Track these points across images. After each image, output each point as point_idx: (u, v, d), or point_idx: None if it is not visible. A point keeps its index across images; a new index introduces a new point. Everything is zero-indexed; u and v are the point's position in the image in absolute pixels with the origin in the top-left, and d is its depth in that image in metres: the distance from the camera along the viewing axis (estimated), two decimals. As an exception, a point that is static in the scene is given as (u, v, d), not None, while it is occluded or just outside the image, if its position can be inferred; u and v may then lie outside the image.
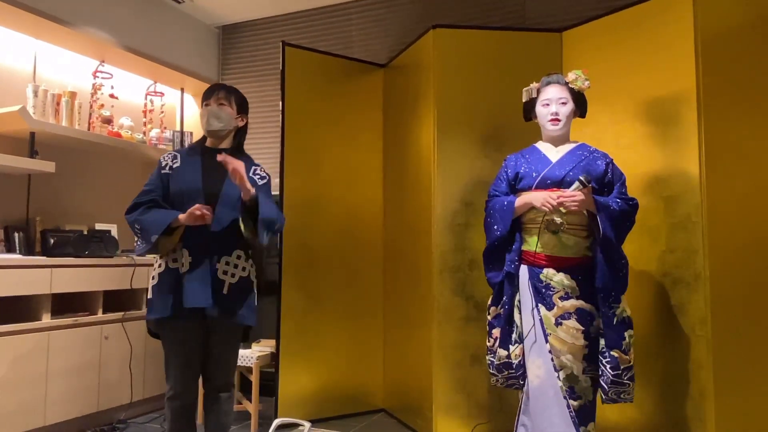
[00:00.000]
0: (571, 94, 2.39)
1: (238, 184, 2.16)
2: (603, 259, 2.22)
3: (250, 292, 2.31)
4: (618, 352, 2.20)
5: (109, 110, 3.69)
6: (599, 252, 2.23)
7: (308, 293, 3.41)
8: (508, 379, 2.41)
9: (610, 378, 2.20)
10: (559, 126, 2.38)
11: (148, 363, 3.45)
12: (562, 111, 2.37)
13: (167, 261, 2.23)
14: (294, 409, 3.26)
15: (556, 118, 2.37)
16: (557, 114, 2.37)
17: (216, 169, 2.25)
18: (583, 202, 2.21)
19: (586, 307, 2.27)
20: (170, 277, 2.20)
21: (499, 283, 2.41)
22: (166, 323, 2.22)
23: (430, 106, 3.08)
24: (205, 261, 2.19)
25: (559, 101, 2.37)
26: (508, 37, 3.12)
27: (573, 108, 2.40)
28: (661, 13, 2.60)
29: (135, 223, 2.23)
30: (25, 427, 2.82)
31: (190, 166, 2.30)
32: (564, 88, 2.39)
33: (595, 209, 2.23)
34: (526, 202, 2.33)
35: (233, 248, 2.26)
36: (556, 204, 2.21)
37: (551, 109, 2.37)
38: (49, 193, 3.48)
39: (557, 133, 2.40)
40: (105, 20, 3.57)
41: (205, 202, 2.21)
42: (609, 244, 2.22)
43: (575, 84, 2.38)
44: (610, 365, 2.20)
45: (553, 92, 2.39)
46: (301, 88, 3.43)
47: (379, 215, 3.64)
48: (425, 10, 3.89)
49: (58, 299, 3.05)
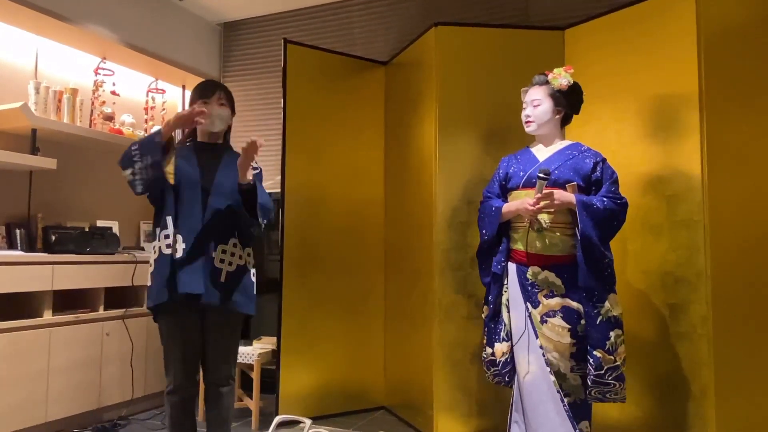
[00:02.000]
0: (551, 93, 2.39)
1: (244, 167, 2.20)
2: (583, 258, 2.22)
3: (249, 281, 2.32)
4: (601, 352, 2.19)
5: (111, 107, 3.69)
6: (580, 250, 2.23)
7: (309, 290, 3.41)
8: (494, 376, 2.46)
9: (593, 377, 2.21)
10: (533, 127, 2.41)
11: (149, 360, 3.46)
12: (534, 113, 2.40)
13: (161, 246, 2.22)
14: (295, 406, 3.27)
15: (527, 120, 2.42)
16: (529, 116, 2.41)
17: (211, 162, 2.30)
18: (556, 198, 2.21)
19: (572, 305, 2.27)
20: (164, 262, 2.19)
21: (488, 283, 2.46)
22: (164, 313, 2.22)
23: (432, 103, 3.08)
24: (201, 248, 2.19)
25: (532, 103, 2.40)
26: (510, 35, 3.11)
27: (550, 107, 2.39)
28: (663, 12, 2.60)
29: (132, 146, 2.17)
30: (27, 423, 2.83)
31: (187, 161, 2.30)
32: (541, 89, 2.41)
33: (575, 206, 2.23)
34: (512, 210, 2.35)
35: (229, 236, 2.27)
36: (533, 210, 2.23)
37: (525, 112, 2.43)
38: (51, 189, 3.48)
39: (535, 134, 2.45)
40: (107, 17, 3.57)
41: (203, 194, 2.23)
42: (589, 242, 2.21)
43: (553, 82, 2.39)
44: (593, 365, 2.20)
45: (529, 95, 2.43)
46: (303, 86, 3.43)
47: (380, 213, 3.64)
48: (427, 8, 3.88)
49: (59, 296, 3.05)
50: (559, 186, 2.28)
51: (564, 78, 2.37)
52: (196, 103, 2.34)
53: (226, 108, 2.38)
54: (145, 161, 2.15)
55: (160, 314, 2.25)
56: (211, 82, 2.44)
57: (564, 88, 2.38)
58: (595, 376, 2.20)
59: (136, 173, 2.17)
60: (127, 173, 2.18)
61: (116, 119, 3.73)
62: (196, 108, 2.21)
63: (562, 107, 2.41)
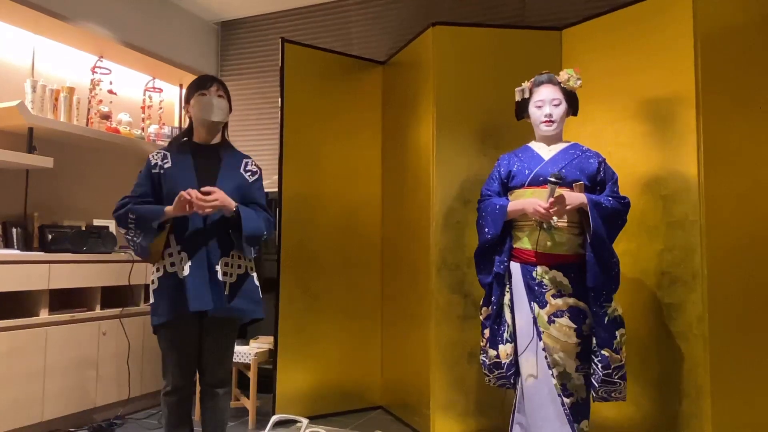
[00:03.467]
0: (564, 94, 2.39)
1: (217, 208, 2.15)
2: (594, 258, 2.21)
3: (253, 286, 2.31)
4: (609, 351, 2.21)
5: (108, 106, 3.68)
6: (590, 250, 2.22)
7: (306, 290, 3.41)
8: (498, 379, 2.43)
9: (601, 377, 2.21)
10: (553, 127, 2.39)
11: (145, 359, 3.45)
12: (555, 112, 2.37)
13: (165, 265, 2.20)
14: (292, 405, 3.27)
15: (550, 119, 2.37)
16: (551, 116, 2.37)
17: (209, 166, 2.26)
18: (568, 202, 2.20)
19: (579, 305, 2.28)
20: (170, 282, 2.18)
21: (489, 283, 2.43)
22: (169, 325, 2.21)
23: (429, 103, 3.08)
24: (204, 263, 2.18)
25: (552, 102, 2.38)
26: (507, 35, 3.12)
27: (566, 108, 2.40)
28: (660, 13, 2.61)
29: (129, 213, 2.16)
30: (23, 422, 2.82)
31: (183, 165, 2.26)
32: (557, 89, 2.38)
33: (586, 206, 2.23)
34: (518, 209, 2.33)
35: (230, 248, 2.25)
36: (546, 215, 2.21)
37: (545, 111, 2.38)
38: (47, 188, 3.47)
39: (551, 134, 2.41)
40: (104, 16, 3.56)
41: None
42: (600, 242, 2.21)
43: (568, 84, 2.38)
44: (601, 364, 2.21)
45: (547, 93, 2.38)
46: (300, 85, 3.43)
47: (377, 212, 3.64)
48: (425, 8, 3.89)
49: (55, 295, 3.05)
50: (567, 185, 2.28)
51: (578, 80, 2.37)
52: (193, 97, 2.30)
53: (224, 100, 2.33)
54: (138, 238, 2.18)
55: (162, 327, 2.23)
56: (208, 76, 2.40)
57: (576, 89, 2.38)
58: (603, 375, 2.20)
59: (128, 239, 2.23)
60: (122, 231, 2.24)
61: (113, 118, 3.72)
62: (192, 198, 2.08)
63: (570, 107, 2.42)
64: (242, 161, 2.36)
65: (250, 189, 2.32)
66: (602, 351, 2.21)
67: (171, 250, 2.20)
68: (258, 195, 2.34)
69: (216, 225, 2.21)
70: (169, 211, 2.13)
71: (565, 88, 2.38)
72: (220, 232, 2.22)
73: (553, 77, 2.41)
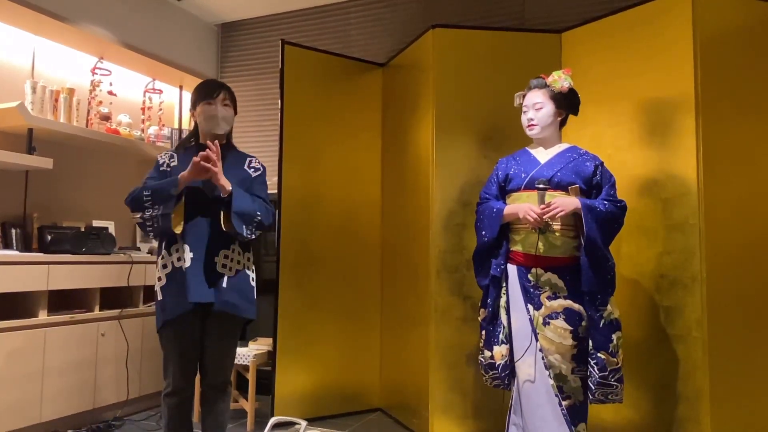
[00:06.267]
0: (552, 96, 2.40)
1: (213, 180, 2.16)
2: (588, 262, 2.22)
3: (249, 285, 2.32)
4: (605, 354, 2.21)
5: (108, 107, 3.68)
6: (584, 254, 2.23)
7: (305, 292, 3.41)
8: (493, 380, 2.45)
9: (597, 379, 2.22)
10: (536, 131, 2.41)
11: (144, 360, 3.45)
12: (537, 116, 2.40)
13: (173, 261, 2.21)
14: (290, 407, 3.27)
15: (531, 123, 2.41)
16: (532, 120, 2.41)
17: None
18: (561, 208, 2.21)
19: (574, 307, 2.28)
20: (177, 276, 2.19)
21: (486, 285, 2.45)
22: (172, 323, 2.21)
23: (429, 105, 3.08)
24: (205, 255, 2.19)
25: (534, 107, 2.40)
26: (507, 38, 3.12)
27: (552, 110, 2.40)
28: (660, 16, 2.61)
29: (143, 191, 2.15)
30: (21, 423, 2.82)
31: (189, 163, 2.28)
32: (541, 92, 2.41)
33: (580, 211, 2.23)
34: (513, 213, 2.35)
35: (231, 241, 2.26)
36: (539, 219, 2.23)
37: (528, 115, 2.42)
38: (47, 189, 3.47)
39: (538, 137, 2.44)
40: (104, 17, 3.56)
41: (207, 199, 2.22)
42: (594, 246, 2.22)
43: (554, 85, 2.39)
44: (597, 366, 2.21)
45: (530, 98, 2.43)
46: (300, 87, 3.43)
47: (377, 214, 3.64)
48: (425, 10, 3.89)
49: (54, 296, 3.05)
50: (562, 188, 2.29)
51: (565, 80, 2.39)
52: (199, 104, 2.33)
53: (230, 108, 2.36)
54: (157, 211, 2.15)
55: (166, 324, 2.22)
56: (214, 82, 2.43)
57: (565, 90, 2.39)
58: (599, 378, 2.21)
59: (146, 219, 2.18)
60: (137, 216, 2.19)
61: (113, 119, 3.72)
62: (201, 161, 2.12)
63: (563, 109, 2.42)
64: (246, 159, 2.41)
65: (253, 183, 2.34)
66: (599, 354, 2.22)
67: (177, 246, 2.21)
68: (260, 189, 2.36)
69: (219, 218, 2.22)
70: (184, 176, 2.14)
71: (553, 90, 2.40)
72: None
73: (541, 81, 2.44)
